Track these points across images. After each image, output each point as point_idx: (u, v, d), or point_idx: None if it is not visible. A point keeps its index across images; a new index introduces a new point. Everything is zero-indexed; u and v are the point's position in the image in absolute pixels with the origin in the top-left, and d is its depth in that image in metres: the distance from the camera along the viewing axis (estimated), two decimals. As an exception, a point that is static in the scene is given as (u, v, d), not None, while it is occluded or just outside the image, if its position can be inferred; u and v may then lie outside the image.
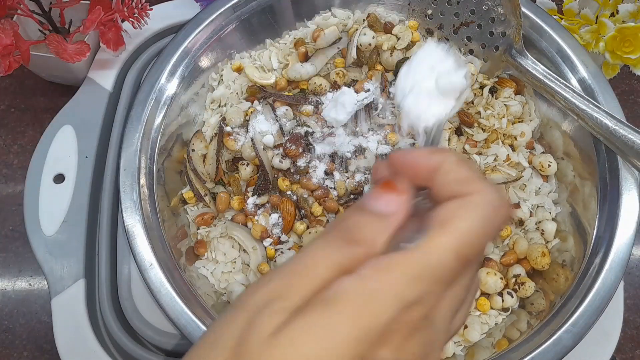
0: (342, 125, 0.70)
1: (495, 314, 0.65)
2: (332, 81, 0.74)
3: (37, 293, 0.78)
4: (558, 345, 0.57)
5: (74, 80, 0.83)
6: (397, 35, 0.76)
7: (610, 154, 0.65)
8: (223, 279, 0.67)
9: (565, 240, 0.68)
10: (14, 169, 0.86)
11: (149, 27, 0.82)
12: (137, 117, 0.68)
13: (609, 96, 0.67)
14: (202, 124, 0.74)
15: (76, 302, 0.67)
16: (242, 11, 0.75)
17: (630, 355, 0.75)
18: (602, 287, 0.59)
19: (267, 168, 0.69)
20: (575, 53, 0.70)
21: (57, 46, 0.73)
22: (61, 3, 0.77)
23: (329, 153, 0.69)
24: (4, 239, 0.81)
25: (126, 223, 0.62)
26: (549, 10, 0.79)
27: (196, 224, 0.69)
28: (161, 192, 0.67)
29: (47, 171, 0.73)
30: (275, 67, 0.77)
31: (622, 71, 0.81)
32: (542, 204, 0.70)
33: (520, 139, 0.72)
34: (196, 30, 0.72)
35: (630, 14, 0.76)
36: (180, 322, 0.58)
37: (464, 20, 0.74)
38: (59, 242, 0.70)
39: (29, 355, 0.74)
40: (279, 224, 0.67)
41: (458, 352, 0.63)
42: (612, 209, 0.63)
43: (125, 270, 0.68)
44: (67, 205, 0.71)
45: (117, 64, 0.81)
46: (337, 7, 0.79)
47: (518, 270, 0.66)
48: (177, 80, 0.71)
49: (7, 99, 0.91)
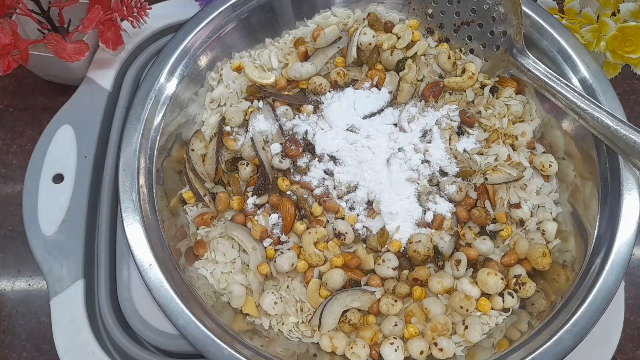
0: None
1: (496, 315, 0.65)
2: (333, 80, 0.74)
3: (36, 293, 0.78)
4: (559, 346, 0.57)
5: (72, 80, 0.83)
6: (398, 35, 0.75)
7: (611, 154, 0.65)
8: (223, 279, 0.67)
9: (566, 240, 0.68)
10: (12, 168, 0.86)
11: (148, 27, 0.81)
12: (137, 117, 0.67)
13: (610, 95, 0.67)
14: (202, 123, 0.74)
15: (75, 302, 0.67)
16: (241, 10, 0.75)
17: (631, 355, 0.74)
18: (603, 287, 0.59)
19: (267, 168, 0.68)
20: (576, 52, 0.70)
21: (56, 45, 0.72)
22: (60, 2, 0.77)
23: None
24: (2, 239, 0.81)
25: (125, 223, 0.62)
26: (550, 9, 0.79)
27: (196, 224, 0.69)
28: (160, 192, 0.67)
29: (46, 171, 0.73)
30: (275, 66, 0.77)
31: (623, 70, 0.81)
32: (543, 204, 0.70)
33: (521, 138, 0.71)
34: (195, 30, 0.72)
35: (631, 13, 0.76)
36: (179, 322, 0.58)
37: (464, 19, 0.74)
38: (58, 242, 0.69)
39: (28, 355, 0.74)
40: (278, 224, 0.67)
41: (459, 352, 0.63)
42: (613, 209, 0.63)
43: (124, 271, 0.68)
44: (66, 205, 0.71)
45: (116, 63, 0.81)
46: (337, 6, 0.79)
47: (519, 270, 0.66)
48: (177, 80, 0.71)
49: (5, 99, 0.90)
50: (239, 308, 0.65)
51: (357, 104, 0.72)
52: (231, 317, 0.64)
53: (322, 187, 0.68)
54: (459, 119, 0.72)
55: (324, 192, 0.68)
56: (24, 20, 0.79)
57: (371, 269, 0.66)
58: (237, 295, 0.65)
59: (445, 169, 0.69)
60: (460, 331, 0.63)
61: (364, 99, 0.72)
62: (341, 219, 0.67)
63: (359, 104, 0.72)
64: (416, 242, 0.65)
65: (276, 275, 0.66)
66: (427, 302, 0.64)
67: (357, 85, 0.74)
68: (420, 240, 0.65)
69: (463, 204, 0.68)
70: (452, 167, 0.69)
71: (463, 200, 0.68)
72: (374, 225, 0.67)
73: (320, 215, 0.67)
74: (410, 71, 0.74)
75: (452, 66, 0.74)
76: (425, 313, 0.64)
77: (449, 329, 0.63)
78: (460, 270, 0.65)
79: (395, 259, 0.65)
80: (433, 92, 0.74)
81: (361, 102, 0.72)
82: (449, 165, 0.69)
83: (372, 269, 0.66)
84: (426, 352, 0.62)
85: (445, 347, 0.61)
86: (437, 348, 0.61)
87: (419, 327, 0.63)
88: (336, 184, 0.68)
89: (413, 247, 0.65)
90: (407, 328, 0.63)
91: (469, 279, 0.65)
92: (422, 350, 0.61)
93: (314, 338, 0.65)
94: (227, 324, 0.61)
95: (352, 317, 0.64)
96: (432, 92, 0.74)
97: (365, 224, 0.67)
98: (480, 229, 0.69)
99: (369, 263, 0.66)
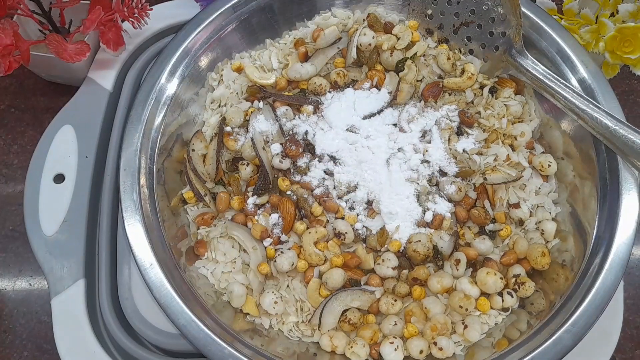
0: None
1: (495, 314, 0.65)
2: (332, 81, 0.75)
3: (37, 293, 0.78)
4: (558, 345, 0.57)
5: (74, 80, 0.83)
6: (397, 35, 0.76)
7: (610, 154, 0.65)
8: (223, 279, 0.67)
9: (565, 240, 0.68)
10: (14, 168, 0.86)
11: (149, 27, 0.82)
12: (137, 117, 0.68)
13: (608, 96, 0.67)
14: (202, 123, 0.75)
15: (76, 302, 0.67)
16: (242, 11, 0.75)
17: (630, 355, 0.75)
18: (602, 287, 0.59)
19: (267, 168, 0.69)
20: (575, 53, 0.70)
21: (57, 46, 0.73)
22: (61, 3, 0.78)
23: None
24: (4, 239, 0.81)
25: (126, 223, 0.62)
26: (549, 10, 0.79)
27: (196, 223, 0.69)
28: (161, 192, 0.67)
29: (47, 171, 0.73)
30: (275, 67, 0.77)
31: (622, 71, 0.81)
32: (542, 204, 0.70)
33: (520, 138, 0.72)
34: (196, 30, 0.72)
35: (630, 14, 0.77)
36: (180, 322, 0.58)
37: (464, 20, 0.74)
38: (59, 242, 0.70)
39: (29, 355, 0.74)
40: (279, 224, 0.67)
41: (458, 352, 0.63)
42: (612, 209, 0.63)
43: (125, 270, 0.68)
44: (67, 205, 0.71)
45: (117, 63, 0.81)
46: (337, 7, 0.79)
47: (518, 270, 0.66)
48: (177, 80, 0.71)
49: (7, 99, 0.91)
50: (239, 307, 0.66)
51: (357, 105, 0.72)
52: (231, 317, 0.64)
53: (322, 187, 0.68)
54: (458, 119, 0.72)
55: (324, 192, 0.68)
56: (25, 21, 0.80)
57: (371, 269, 0.66)
58: (238, 294, 0.65)
59: (444, 169, 0.69)
60: (459, 330, 0.63)
61: (364, 100, 0.73)
62: (341, 218, 0.67)
63: (358, 104, 0.72)
64: (416, 241, 0.65)
65: (276, 275, 0.66)
66: (426, 302, 0.64)
67: (357, 86, 0.74)
68: (419, 240, 0.65)
69: (462, 203, 0.69)
70: (452, 167, 0.69)
71: (462, 200, 0.68)
72: (373, 225, 0.67)
73: (320, 215, 0.67)
74: (409, 72, 0.74)
75: (451, 67, 0.75)
76: (424, 312, 0.64)
77: (448, 329, 0.63)
78: (459, 270, 0.65)
79: (394, 258, 0.65)
80: (432, 93, 0.74)
81: (361, 102, 0.72)
82: (448, 166, 0.69)
83: (372, 269, 0.66)
84: (426, 352, 0.62)
85: (445, 346, 0.61)
86: (437, 347, 0.61)
87: (418, 326, 0.63)
88: (336, 184, 0.68)
89: (413, 246, 0.65)
90: (406, 327, 0.63)
91: (469, 279, 0.65)
92: (422, 350, 0.61)
93: (314, 337, 0.65)
94: (227, 324, 0.61)
95: (352, 316, 0.64)
96: (431, 92, 0.74)
97: (365, 223, 0.67)
98: (480, 228, 0.69)
99: (369, 263, 0.66)
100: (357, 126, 0.71)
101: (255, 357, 0.58)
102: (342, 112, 0.71)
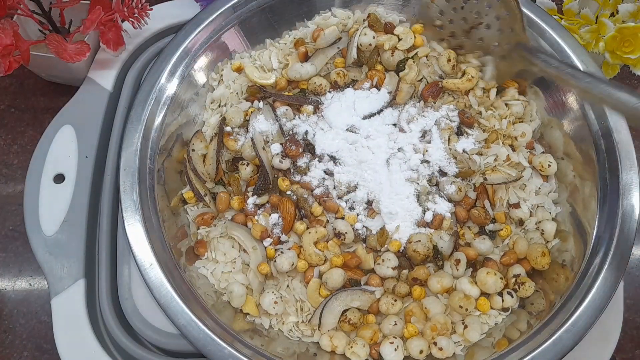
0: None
1: (495, 314, 0.65)
2: (332, 81, 0.75)
3: (37, 293, 0.78)
4: (558, 345, 0.57)
5: (74, 80, 0.83)
6: (399, 36, 0.76)
7: (610, 154, 0.65)
8: (223, 279, 0.67)
9: (565, 240, 0.68)
10: (14, 168, 0.86)
11: (149, 27, 0.82)
12: (137, 117, 0.68)
13: (608, 96, 0.67)
14: (202, 123, 0.75)
15: (76, 302, 0.67)
16: (242, 11, 0.75)
17: (631, 355, 0.75)
18: (602, 286, 0.59)
19: (267, 168, 0.69)
20: (575, 53, 0.70)
21: (57, 46, 0.73)
22: (61, 3, 0.77)
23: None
24: (4, 239, 0.81)
25: (126, 223, 0.62)
26: (549, 10, 0.79)
27: (196, 223, 0.69)
28: (161, 192, 0.67)
29: (47, 171, 0.73)
30: (275, 67, 0.77)
31: (622, 71, 0.81)
32: (542, 204, 0.70)
33: (520, 139, 0.72)
34: (196, 30, 0.72)
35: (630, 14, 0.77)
36: (180, 322, 0.58)
37: (472, 23, 0.73)
38: (59, 242, 0.70)
39: (29, 355, 0.74)
40: (279, 224, 0.67)
41: (458, 352, 0.63)
42: (612, 209, 0.63)
43: (125, 270, 0.68)
44: (67, 205, 0.71)
45: (117, 64, 0.81)
46: (337, 7, 0.79)
47: (518, 270, 0.66)
48: (177, 80, 0.71)
49: (7, 99, 0.91)
50: (239, 307, 0.66)
51: (356, 105, 0.72)
52: (231, 317, 0.64)
53: (322, 187, 0.68)
54: (458, 119, 0.72)
55: (324, 192, 0.68)
56: (25, 21, 0.79)
57: (371, 269, 0.66)
58: (238, 294, 0.65)
59: (444, 169, 0.69)
60: (459, 330, 0.63)
61: (364, 100, 0.73)
62: (341, 218, 0.67)
63: (358, 104, 0.72)
64: (416, 241, 0.65)
65: (276, 275, 0.66)
66: (426, 302, 0.64)
67: (356, 86, 0.74)
68: (419, 240, 0.65)
69: (462, 203, 0.69)
70: (452, 167, 0.69)
71: (462, 200, 0.68)
72: (373, 225, 0.67)
73: (320, 215, 0.67)
74: (410, 71, 0.74)
75: (451, 69, 0.75)
76: (424, 312, 0.64)
77: (448, 329, 0.63)
78: (459, 270, 0.65)
79: (394, 258, 0.65)
80: (432, 93, 0.74)
81: (361, 102, 0.72)
82: (448, 166, 0.69)
83: (372, 269, 0.66)
84: (426, 352, 0.62)
85: (445, 346, 0.61)
86: (437, 347, 0.61)
87: (418, 326, 0.63)
88: (336, 184, 0.68)
89: (412, 246, 0.65)
90: (406, 327, 0.63)
91: (469, 279, 0.65)
92: (422, 350, 0.61)
93: (314, 337, 0.65)
94: (227, 324, 0.61)
95: (352, 316, 0.64)
96: (431, 92, 0.74)
97: (365, 223, 0.67)
98: (480, 228, 0.69)
99: (369, 263, 0.66)
100: (357, 126, 0.71)
101: (255, 357, 0.58)
102: (342, 112, 0.71)
